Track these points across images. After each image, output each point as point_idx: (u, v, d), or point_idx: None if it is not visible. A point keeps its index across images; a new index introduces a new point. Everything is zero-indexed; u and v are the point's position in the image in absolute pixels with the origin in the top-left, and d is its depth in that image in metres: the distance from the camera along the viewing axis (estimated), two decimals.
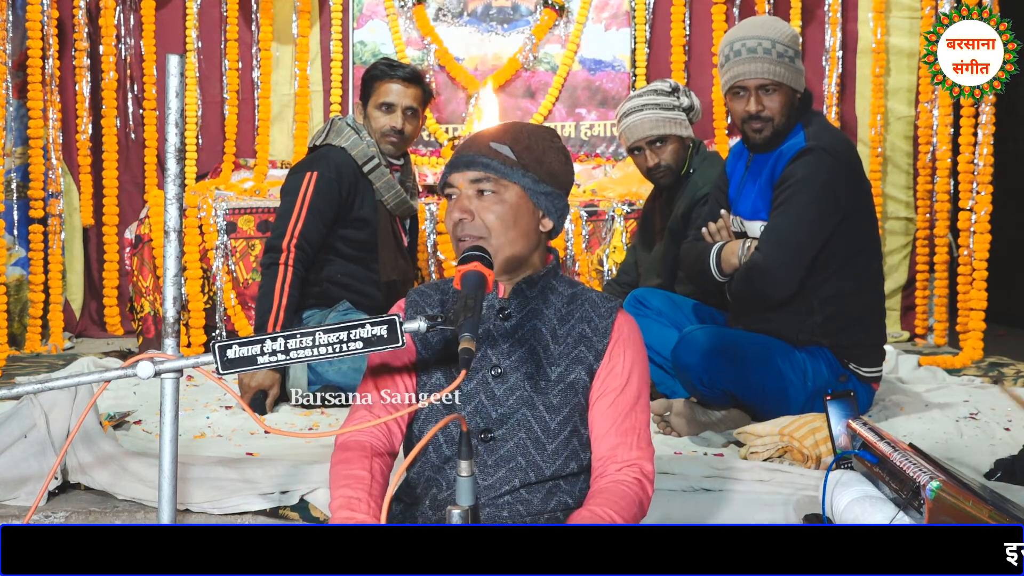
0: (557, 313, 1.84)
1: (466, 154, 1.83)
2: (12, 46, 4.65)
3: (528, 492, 1.75)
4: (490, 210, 1.81)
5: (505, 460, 1.75)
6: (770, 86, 3.00)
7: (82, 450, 2.48)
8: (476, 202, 1.82)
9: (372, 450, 1.76)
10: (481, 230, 1.81)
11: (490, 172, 1.81)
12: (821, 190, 2.94)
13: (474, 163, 1.82)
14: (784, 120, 3.03)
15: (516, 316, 1.83)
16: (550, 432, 1.77)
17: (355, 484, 1.69)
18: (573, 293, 1.87)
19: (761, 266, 2.95)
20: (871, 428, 2.17)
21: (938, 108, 4.73)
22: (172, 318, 1.54)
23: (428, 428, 1.81)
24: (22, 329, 4.75)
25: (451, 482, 1.76)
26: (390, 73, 3.58)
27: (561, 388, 1.79)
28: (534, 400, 1.78)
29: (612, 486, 1.73)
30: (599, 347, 1.81)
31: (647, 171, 3.59)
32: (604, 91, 5.15)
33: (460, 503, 1.39)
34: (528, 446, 1.76)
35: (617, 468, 1.76)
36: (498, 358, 1.80)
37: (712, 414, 3.03)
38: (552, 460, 1.76)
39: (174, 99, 1.51)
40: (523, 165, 1.82)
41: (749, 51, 3.00)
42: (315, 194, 3.45)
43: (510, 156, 1.82)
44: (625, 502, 1.70)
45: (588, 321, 1.83)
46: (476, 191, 1.82)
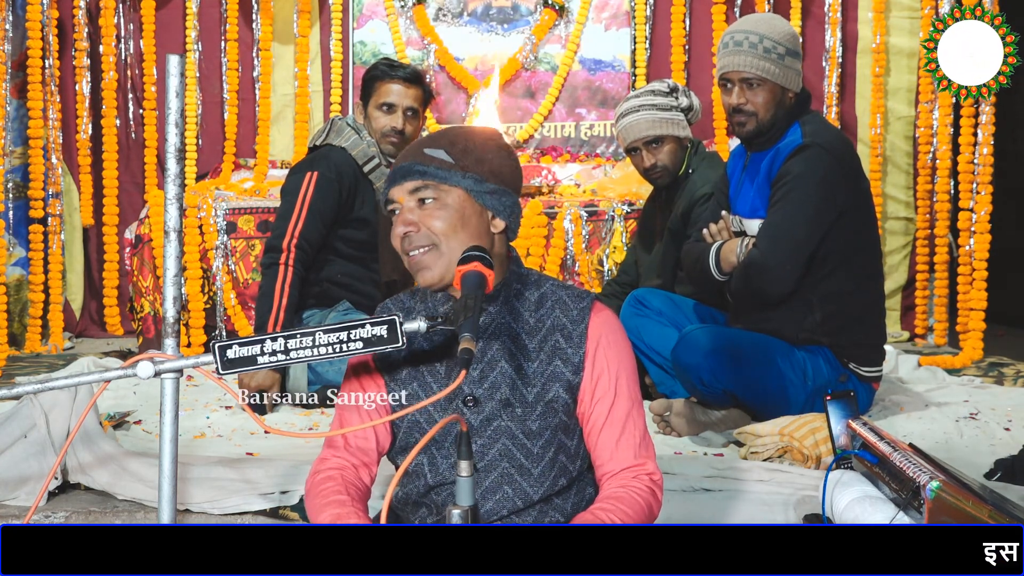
0: (525, 325, 1.75)
1: (401, 165, 1.75)
2: (12, 46, 4.65)
3: (519, 518, 1.71)
4: (434, 216, 1.72)
5: (491, 492, 1.71)
6: (754, 80, 3.01)
7: (82, 450, 2.48)
8: (418, 212, 1.73)
9: (343, 477, 1.72)
10: (429, 238, 1.72)
11: (428, 179, 1.72)
12: (818, 186, 2.94)
13: (410, 173, 1.73)
14: (770, 117, 3.03)
15: (484, 337, 1.74)
16: (533, 457, 1.72)
17: (339, 505, 1.66)
18: (540, 296, 1.78)
19: (759, 263, 2.95)
20: (871, 428, 2.17)
21: (938, 108, 4.74)
22: (172, 318, 1.54)
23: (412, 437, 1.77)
24: (22, 329, 4.75)
25: (439, 507, 1.73)
26: (391, 73, 3.58)
27: (539, 411, 1.72)
28: (512, 429, 1.71)
29: (621, 492, 1.68)
30: (575, 359, 1.73)
31: (644, 171, 3.59)
32: (604, 91, 5.15)
33: (460, 503, 1.39)
34: (513, 474, 1.71)
35: (629, 477, 1.70)
36: (470, 386, 1.73)
37: (712, 414, 3.03)
38: (539, 483, 1.72)
39: (174, 99, 1.51)
40: (462, 167, 1.73)
41: (736, 44, 3.03)
42: (315, 194, 3.45)
43: (447, 159, 1.73)
44: (634, 509, 1.65)
45: (561, 329, 1.75)
46: (417, 201, 1.73)
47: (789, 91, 3.05)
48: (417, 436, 1.76)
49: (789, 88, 3.05)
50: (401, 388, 1.77)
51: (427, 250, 1.73)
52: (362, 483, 1.76)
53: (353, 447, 1.78)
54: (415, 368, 1.77)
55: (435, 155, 1.73)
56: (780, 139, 3.06)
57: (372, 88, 3.60)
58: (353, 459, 1.76)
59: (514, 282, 1.79)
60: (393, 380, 1.78)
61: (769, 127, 3.05)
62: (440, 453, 1.74)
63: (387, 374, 1.79)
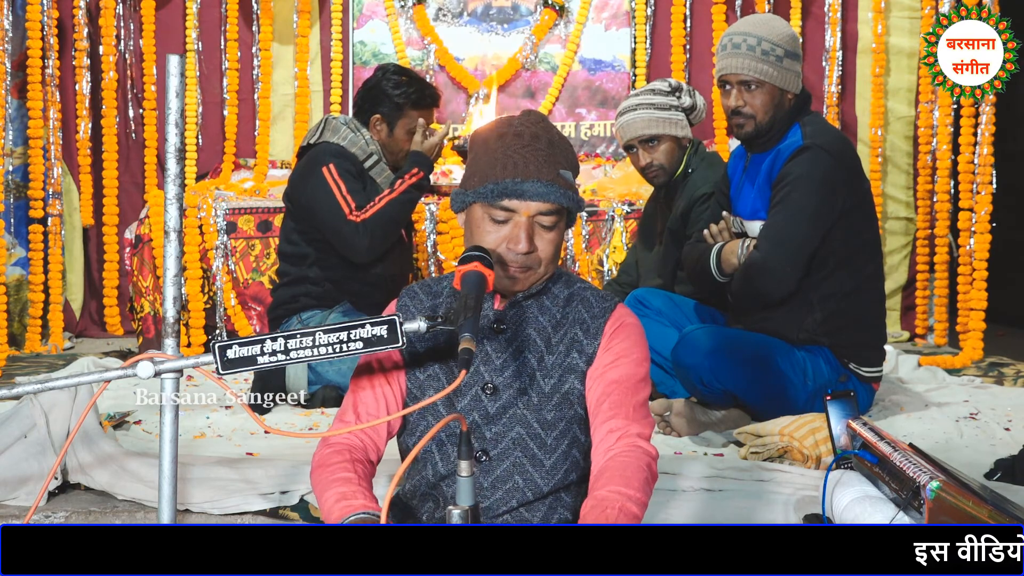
0: (552, 320, 1.78)
1: (538, 181, 1.71)
2: (12, 46, 4.65)
3: (528, 511, 1.72)
4: (549, 242, 1.74)
5: (502, 481, 1.72)
6: (752, 83, 3.02)
7: (82, 450, 2.48)
8: (539, 232, 1.73)
9: (351, 454, 1.73)
10: (535, 262, 1.74)
11: (559, 203, 1.73)
12: (818, 187, 2.94)
13: (547, 195, 1.71)
14: (768, 118, 3.04)
15: (511, 328, 1.77)
16: (547, 448, 1.73)
17: (345, 483, 1.67)
18: (570, 294, 1.81)
19: (760, 264, 2.95)
20: (871, 428, 2.17)
21: (938, 108, 4.74)
22: (172, 318, 1.54)
23: (417, 437, 1.78)
24: (22, 329, 4.75)
25: (448, 499, 1.73)
26: (426, 103, 3.60)
27: (555, 402, 1.74)
28: (527, 418, 1.73)
29: (610, 463, 1.63)
30: (590, 351, 1.75)
31: (640, 170, 3.60)
32: (604, 91, 5.15)
33: (460, 503, 1.39)
34: (525, 464, 1.72)
35: (613, 442, 1.66)
36: (491, 374, 1.75)
37: (712, 414, 3.03)
38: (551, 476, 1.73)
39: (174, 99, 1.51)
40: (580, 193, 1.77)
41: (734, 46, 3.03)
42: (343, 178, 3.45)
43: (573, 183, 1.76)
44: (630, 472, 1.60)
45: (580, 323, 1.77)
46: (539, 223, 1.73)
47: (788, 93, 3.05)
48: (423, 428, 1.77)
49: (788, 90, 3.05)
50: (419, 373, 1.79)
51: (529, 271, 1.75)
52: (369, 460, 1.77)
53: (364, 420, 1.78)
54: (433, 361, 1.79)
55: (568, 179, 1.75)
56: (780, 140, 3.06)
57: (401, 112, 3.58)
58: (362, 435, 1.77)
59: (551, 280, 1.82)
60: (412, 363, 1.80)
61: (768, 129, 3.05)
62: (451, 441, 1.75)
63: (408, 357, 1.80)
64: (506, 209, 1.72)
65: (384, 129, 3.60)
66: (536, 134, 1.76)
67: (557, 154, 1.75)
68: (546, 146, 1.74)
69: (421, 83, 3.66)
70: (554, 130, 1.80)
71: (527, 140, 1.74)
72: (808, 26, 5.02)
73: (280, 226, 3.82)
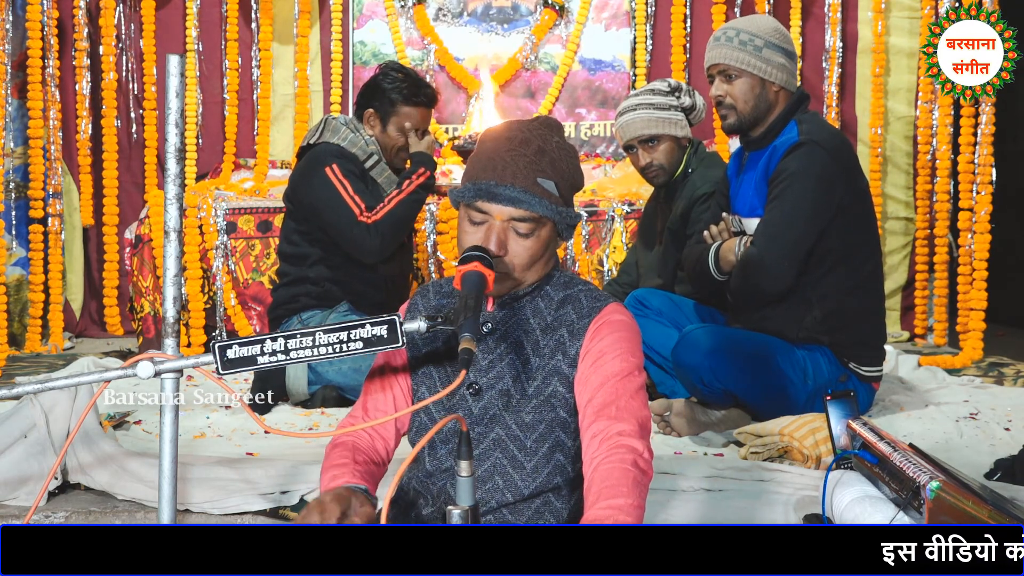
0: (542, 322, 1.75)
1: (510, 187, 1.69)
2: (12, 46, 4.65)
3: (511, 512, 1.71)
4: (526, 248, 1.72)
5: (482, 481, 1.71)
6: (732, 72, 3.04)
7: (82, 450, 2.48)
8: (511, 238, 1.71)
9: (354, 446, 1.76)
10: (507, 266, 1.72)
11: (534, 211, 1.70)
12: (815, 183, 2.94)
13: (519, 201, 1.69)
14: (750, 108, 3.05)
15: (500, 329, 1.76)
16: (527, 450, 1.71)
17: (338, 467, 1.70)
18: (565, 296, 1.77)
19: (756, 260, 2.95)
20: (871, 428, 2.17)
21: (938, 108, 4.74)
22: (172, 318, 1.54)
23: (413, 435, 1.81)
24: (22, 329, 4.75)
25: (435, 497, 1.75)
26: (417, 100, 3.58)
27: (536, 404, 1.71)
28: (505, 419, 1.72)
29: (595, 475, 1.56)
30: (572, 352, 1.72)
31: (640, 170, 3.60)
32: (604, 91, 5.15)
33: (460, 503, 1.39)
34: (505, 465, 1.71)
35: (596, 447, 1.60)
36: (476, 375, 1.75)
37: (712, 414, 3.03)
38: (532, 478, 1.71)
39: (174, 99, 1.51)
40: (566, 202, 1.74)
41: (715, 40, 3.08)
42: (347, 178, 3.45)
43: (555, 194, 1.72)
44: (615, 479, 1.53)
45: (568, 325, 1.73)
46: (512, 227, 1.71)
47: (773, 84, 3.05)
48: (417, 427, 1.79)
49: (772, 81, 3.04)
50: (419, 372, 1.81)
51: (503, 275, 1.72)
52: (375, 452, 1.79)
53: (372, 419, 1.80)
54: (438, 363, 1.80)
55: (548, 188, 1.71)
56: (777, 137, 3.07)
57: (394, 108, 3.57)
58: (370, 434, 1.80)
59: (546, 282, 1.79)
60: (416, 364, 1.81)
61: (752, 121, 3.06)
62: (439, 437, 1.76)
63: (413, 358, 1.82)
64: (481, 211, 1.72)
65: (377, 124, 3.59)
66: (527, 139, 1.73)
67: (543, 162, 1.72)
68: (533, 152, 1.72)
69: (417, 81, 3.65)
70: (552, 139, 1.76)
71: (515, 144, 1.73)
72: (808, 26, 5.03)
73: (280, 226, 3.82)
